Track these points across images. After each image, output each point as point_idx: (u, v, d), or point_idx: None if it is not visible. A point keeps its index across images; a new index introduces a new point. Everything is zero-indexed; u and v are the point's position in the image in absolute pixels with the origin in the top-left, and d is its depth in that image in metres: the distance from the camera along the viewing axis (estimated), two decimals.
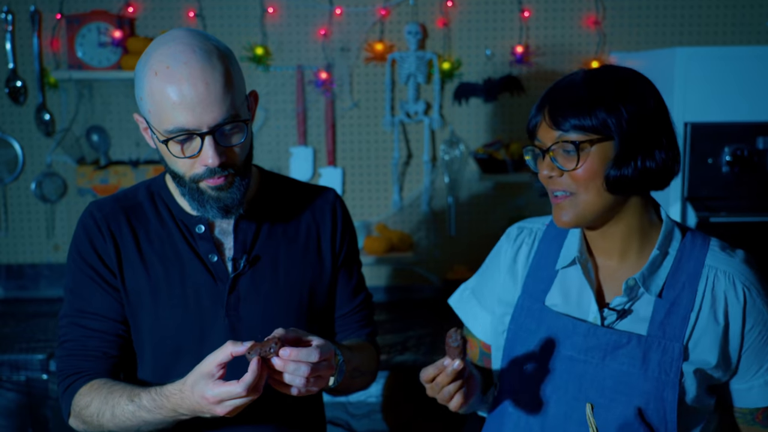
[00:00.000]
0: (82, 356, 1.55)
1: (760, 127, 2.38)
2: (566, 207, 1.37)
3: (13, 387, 2.54)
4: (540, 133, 1.38)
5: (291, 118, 3.09)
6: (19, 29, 3.04)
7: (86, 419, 1.51)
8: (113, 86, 3.06)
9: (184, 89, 1.38)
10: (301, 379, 1.35)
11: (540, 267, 1.51)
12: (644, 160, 1.33)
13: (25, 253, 3.18)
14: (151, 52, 1.44)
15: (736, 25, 3.02)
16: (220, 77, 1.41)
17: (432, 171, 3.11)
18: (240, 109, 1.45)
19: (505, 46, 3.04)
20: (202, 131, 1.40)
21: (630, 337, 1.37)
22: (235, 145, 1.46)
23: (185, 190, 1.50)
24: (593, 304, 1.41)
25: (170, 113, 1.40)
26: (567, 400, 1.40)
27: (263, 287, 1.58)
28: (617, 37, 3.04)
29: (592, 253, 1.46)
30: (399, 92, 3.07)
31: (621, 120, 1.31)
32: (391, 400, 2.59)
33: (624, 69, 1.39)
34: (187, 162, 1.45)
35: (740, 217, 2.38)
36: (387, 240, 3.04)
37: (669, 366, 1.35)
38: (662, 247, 1.40)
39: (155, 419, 1.43)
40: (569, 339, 1.40)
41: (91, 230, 1.57)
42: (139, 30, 3.05)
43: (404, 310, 3.03)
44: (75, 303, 1.57)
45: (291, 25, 3.04)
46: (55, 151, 3.09)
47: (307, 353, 1.34)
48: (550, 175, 1.37)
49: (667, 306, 1.38)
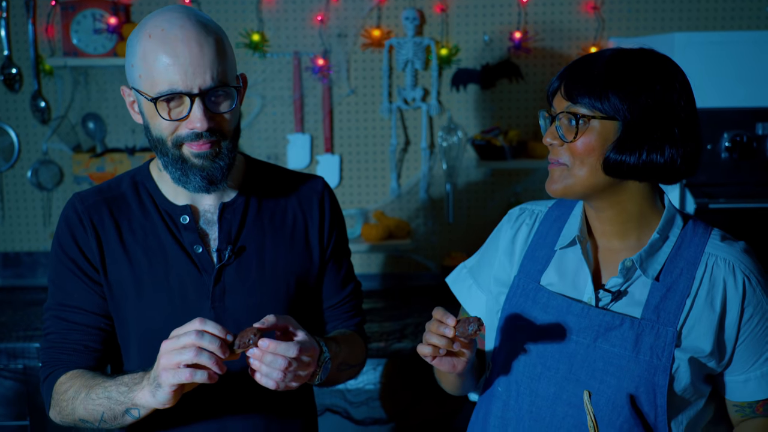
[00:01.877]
0: (64, 349, 1.53)
1: (759, 112, 2.37)
2: (557, 177, 1.37)
3: (11, 375, 2.54)
4: (555, 101, 1.39)
5: (288, 105, 3.07)
6: (14, 16, 3.02)
7: (62, 406, 1.49)
8: (109, 73, 3.04)
9: (178, 49, 1.39)
10: (278, 372, 1.34)
11: (538, 247, 1.50)
12: (651, 152, 1.31)
13: (22, 241, 3.17)
14: (145, 20, 1.45)
15: (735, 10, 3.01)
16: (214, 43, 1.42)
17: (430, 158, 3.10)
18: (230, 78, 1.46)
19: (503, 32, 3.03)
20: (193, 92, 1.40)
21: (623, 320, 1.36)
22: (223, 112, 1.45)
23: (168, 160, 1.47)
24: (589, 284, 1.41)
25: (162, 74, 1.39)
26: (557, 379, 1.40)
27: (249, 278, 1.56)
28: (616, 22, 3.03)
29: (592, 234, 1.46)
30: (396, 79, 3.06)
31: (630, 106, 1.30)
32: (389, 387, 2.60)
33: (657, 57, 1.36)
34: (173, 124, 1.43)
35: (739, 203, 2.37)
36: (385, 227, 3.03)
37: (661, 351, 1.34)
38: (663, 231, 1.39)
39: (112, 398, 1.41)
40: (562, 318, 1.40)
41: (73, 223, 1.54)
42: (135, 17, 3.04)
43: (402, 297, 3.03)
44: (57, 296, 1.55)
45: (287, 11, 3.02)
46: (51, 139, 3.08)
47: (285, 347, 1.33)
48: (552, 142, 1.37)
49: (664, 290, 1.37)
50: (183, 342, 1.29)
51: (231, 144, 1.49)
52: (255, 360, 1.35)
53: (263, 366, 1.34)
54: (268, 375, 1.35)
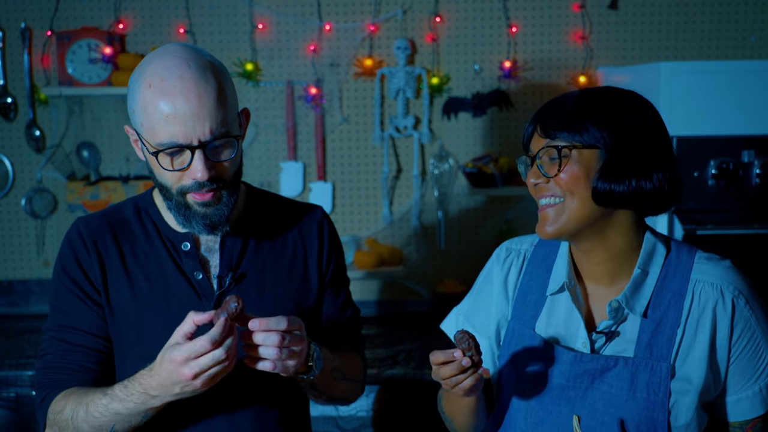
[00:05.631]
0: (61, 369, 1.53)
1: (745, 140, 2.40)
2: (550, 217, 1.37)
3: (3, 403, 2.54)
4: (532, 144, 1.41)
5: (281, 133, 3.10)
6: (10, 46, 3.05)
7: (61, 424, 1.48)
8: (103, 102, 3.07)
9: (177, 102, 1.39)
10: (274, 349, 1.36)
11: (529, 291, 1.50)
12: (639, 179, 1.32)
13: (15, 269, 3.17)
14: (146, 65, 1.45)
15: (722, 40, 3.06)
16: (214, 92, 1.42)
17: (421, 185, 3.12)
18: (231, 125, 1.46)
19: (494, 61, 3.07)
20: (193, 145, 1.41)
21: (617, 360, 1.37)
22: (224, 160, 1.47)
23: (172, 204, 1.50)
24: (582, 329, 1.41)
25: (162, 126, 1.40)
26: (560, 424, 1.40)
27: (249, 305, 1.57)
28: (604, 51, 3.07)
29: (581, 277, 1.46)
30: (388, 107, 3.09)
31: (608, 132, 1.32)
32: (381, 414, 2.59)
33: (623, 91, 1.39)
34: (176, 174, 1.45)
35: (726, 229, 2.40)
36: (377, 254, 3.04)
37: (657, 386, 1.35)
38: (644, 265, 1.39)
39: (128, 409, 1.41)
40: (557, 367, 1.41)
41: (77, 246, 1.56)
42: (130, 46, 3.07)
43: (394, 324, 3.03)
44: (58, 318, 1.56)
45: (281, 40, 3.06)
46: (45, 167, 3.10)
47: (276, 321, 1.37)
48: (536, 182, 1.38)
49: (654, 326, 1.37)
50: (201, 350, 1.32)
51: (232, 191, 1.51)
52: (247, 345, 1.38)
53: (260, 348, 1.37)
54: (264, 354, 1.37)
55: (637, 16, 3.06)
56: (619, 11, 3.05)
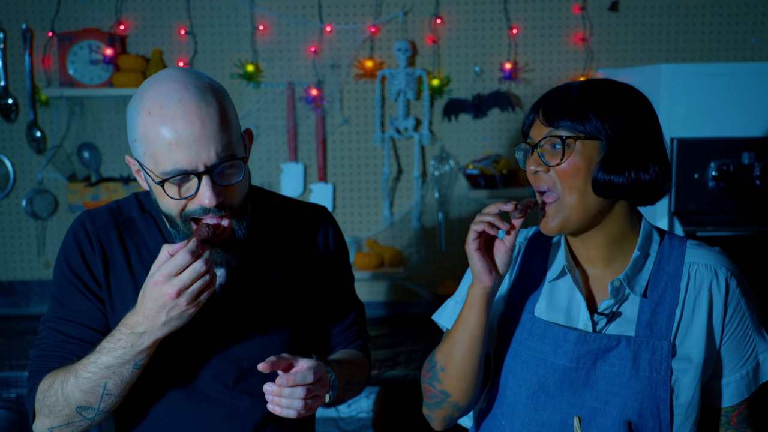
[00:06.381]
0: (55, 357, 1.51)
1: (745, 142, 2.41)
2: (552, 213, 1.40)
3: (4, 404, 2.54)
4: (532, 131, 1.42)
5: (282, 135, 3.10)
6: (11, 47, 3.05)
7: (50, 401, 1.44)
8: (104, 103, 3.08)
9: (179, 127, 1.34)
10: (300, 401, 1.41)
11: (527, 278, 1.53)
12: (638, 171, 1.35)
13: (16, 270, 3.17)
14: (143, 92, 1.40)
15: (722, 42, 3.06)
16: (216, 114, 1.37)
17: (422, 187, 3.12)
18: (236, 147, 1.42)
19: (494, 63, 3.08)
20: (199, 170, 1.36)
21: (619, 340, 1.39)
22: (232, 183, 1.42)
23: (178, 234, 1.46)
24: (584, 310, 1.43)
25: (165, 153, 1.35)
26: (562, 407, 1.41)
27: (253, 305, 1.58)
28: (604, 53, 3.08)
29: (578, 262, 1.48)
30: (389, 109, 3.10)
31: (611, 124, 1.35)
32: (382, 415, 2.60)
33: (621, 84, 1.43)
34: (182, 202, 1.41)
35: (726, 231, 2.40)
36: (378, 255, 3.05)
37: (659, 364, 1.37)
38: (643, 248, 1.43)
39: (116, 358, 1.38)
40: (560, 348, 1.42)
41: (82, 240, 1.55)
42: (131, 47, 3.07)
43: (395, 326, 3.04)
44: (57, 310, 1.54)
45: (282, 42, 3.07)
46: (46, 168, 3.10)
47: (303, 375, 1.40)
48: (536, 170, 1.40)
49: (653, 305, 1.41)
50: (182, 264, 1.31)
51: (241, 218, 1.47)
52: (272, 396, 1.42)
53: (283, 400, 1.41)
54: (290, 406, 1.41)
55: (637, 18, 3.06)
56: (619, 13, 3.06)
